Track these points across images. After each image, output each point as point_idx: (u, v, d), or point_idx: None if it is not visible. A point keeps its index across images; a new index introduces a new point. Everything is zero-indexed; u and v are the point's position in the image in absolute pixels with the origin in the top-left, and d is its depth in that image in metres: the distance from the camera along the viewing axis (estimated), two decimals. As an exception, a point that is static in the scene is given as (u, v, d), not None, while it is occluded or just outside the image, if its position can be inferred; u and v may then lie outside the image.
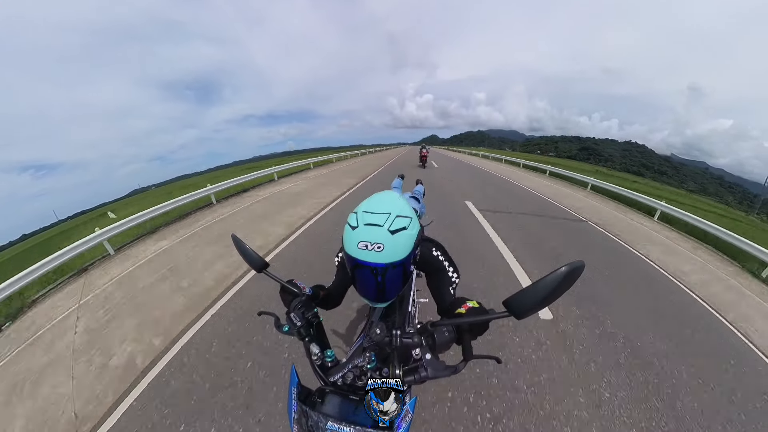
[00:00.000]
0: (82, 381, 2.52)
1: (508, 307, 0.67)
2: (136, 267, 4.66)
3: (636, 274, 4.39)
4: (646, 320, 3.24)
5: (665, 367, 2.60)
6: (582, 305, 3.33)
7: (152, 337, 2.95)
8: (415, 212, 1.05)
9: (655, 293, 3.91)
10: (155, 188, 45.32)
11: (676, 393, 2.36)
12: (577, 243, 5.45)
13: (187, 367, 2.54)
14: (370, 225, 0.87)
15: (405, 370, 0.81)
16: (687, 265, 4.99)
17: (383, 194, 1.05)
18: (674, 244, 6.16)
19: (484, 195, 8.85)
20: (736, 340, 3.14)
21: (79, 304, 3.77)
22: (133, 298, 3.73)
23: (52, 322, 3.46)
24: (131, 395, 2.32)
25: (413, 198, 2.73)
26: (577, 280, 0.59)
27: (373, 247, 0.84)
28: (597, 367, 2.53)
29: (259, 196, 8.89)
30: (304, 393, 0.88)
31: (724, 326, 3.37)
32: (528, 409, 2.11)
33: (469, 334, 0.82)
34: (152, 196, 10.07)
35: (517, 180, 12.54)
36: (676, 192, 37.40)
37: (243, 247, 1.08)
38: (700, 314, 3.56)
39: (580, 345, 2.75)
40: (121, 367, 2.62)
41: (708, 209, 16.59)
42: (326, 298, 1.21)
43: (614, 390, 2.32)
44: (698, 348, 2.92)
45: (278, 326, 1.00)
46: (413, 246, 0.91)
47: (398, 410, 0.75)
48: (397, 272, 0.91)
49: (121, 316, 3.38)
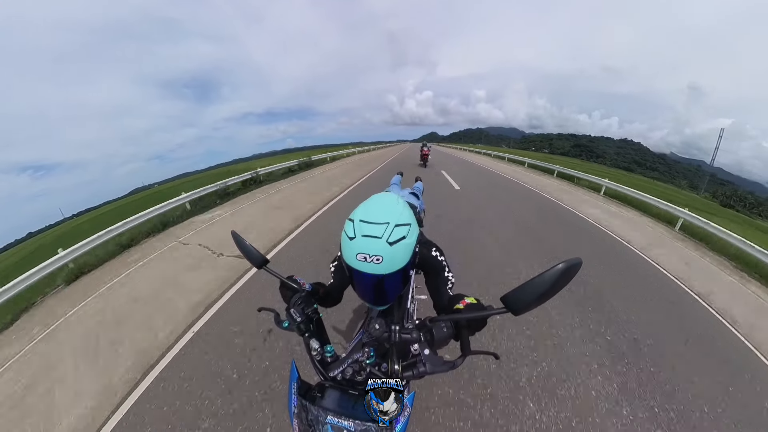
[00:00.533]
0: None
1: (506, 303, 0.67)
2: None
3: (549, 208, 8.09)
4: (555, 228, 6.35)
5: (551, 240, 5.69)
6: (520, 230, 6.08)
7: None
8: (414, 209, 1.05)
9: (551, 211, 7.69)
10: (158, 186, 45.16)
11: (542, 237, 5.54)
12: (549, 213, 7.64)
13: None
14: (368, 237, 0.85)
15: (404, 365, 0.82)
16: (590, 209, 8.18)
17: (380, 198, 1.02)
18: (585, 196, 10.00)
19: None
20: (595, 231, 6.43)
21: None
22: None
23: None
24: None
25: (413, 194, 2.73)
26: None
27: (372, 259, 0.83)
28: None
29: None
30: (304, 388, 0.88)
31: (596, 229, 6.57)
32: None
33: (467, 329, 0.83)
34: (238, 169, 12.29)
35: (511, 175, 13.08)
36: (644, 179, 41.21)
37: (243, 243, 1.07)
38: (582, 224, 7.16)
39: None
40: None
41: (655, 188, 18.08)
42: (325, 297, 1.21)
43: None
44: (565, 228, 6.50)
45: (278, 322, 1.00)
46: (412, 253, 0.91)
47: (398, 410, 0.75)
48: (396, 278, 0.90)
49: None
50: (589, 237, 6.01)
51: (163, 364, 2.62)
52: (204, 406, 2.18)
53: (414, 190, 2.93)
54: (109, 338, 3.04)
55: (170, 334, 2.99)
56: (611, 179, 10.66)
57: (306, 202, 7.73)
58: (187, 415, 2.13)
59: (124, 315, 3.40)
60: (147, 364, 2.64)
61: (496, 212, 7.05)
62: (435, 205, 6.97)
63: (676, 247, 6.01)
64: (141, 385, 2.44)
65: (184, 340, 2.88)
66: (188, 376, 2.46)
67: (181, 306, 3.43)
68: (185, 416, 2.12)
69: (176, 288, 3.85)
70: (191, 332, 2.98)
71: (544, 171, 15.20)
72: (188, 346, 2.81)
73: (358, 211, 0.93)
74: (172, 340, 2.90)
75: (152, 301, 3.61)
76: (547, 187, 10.71)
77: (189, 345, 2.82)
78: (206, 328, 3.04)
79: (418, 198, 2.82)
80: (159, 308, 3.45)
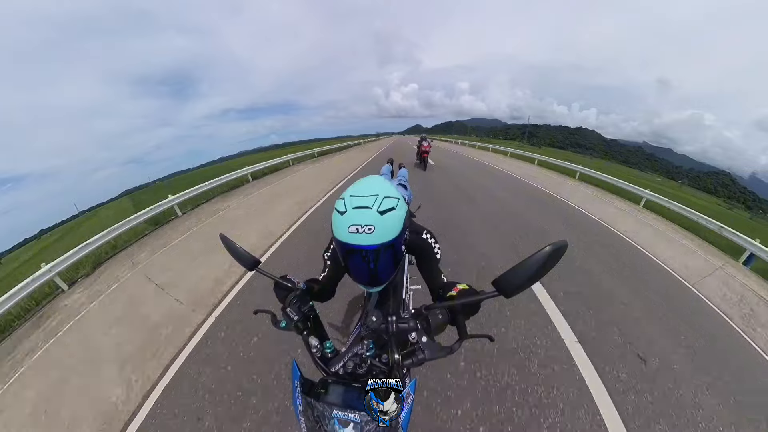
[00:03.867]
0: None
1: (498, 287, 0.69)
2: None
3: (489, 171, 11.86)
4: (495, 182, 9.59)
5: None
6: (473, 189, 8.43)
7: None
8: (403, 199, 1.06)
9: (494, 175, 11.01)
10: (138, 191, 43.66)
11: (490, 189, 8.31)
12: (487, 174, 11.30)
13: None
14: (359, 208, 0.86)
15: (403, 353, 0.84)
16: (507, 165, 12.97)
17: (369, 178, 1.04)
18: (516, 161, 15.36)
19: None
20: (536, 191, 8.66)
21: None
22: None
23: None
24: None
25: (401, 185, 2.75)
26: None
27: (364, 230, 0.83)
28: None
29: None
30: (308, 385, 0.89)
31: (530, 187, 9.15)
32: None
33: (461, 315, 0.86)
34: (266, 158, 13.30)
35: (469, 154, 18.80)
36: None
37: (232, 246, 1.06)
38: (520, 183, 10.02)
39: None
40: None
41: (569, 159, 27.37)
42: (320, 291, 1.21)
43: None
44: (502, 182, 9.62)
45: (275, 323, 1.00)
46: (403, 226, 0.91)
47: (398, 410, 0.76)
48: (388, 253, 0.91)
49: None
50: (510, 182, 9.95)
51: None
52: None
53: (401, 181, 2.96)
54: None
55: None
56: (543, 154, 15.70)
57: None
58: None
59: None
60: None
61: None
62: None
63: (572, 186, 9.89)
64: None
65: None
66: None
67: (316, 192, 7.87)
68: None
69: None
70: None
71: (501, 152, 19.70)
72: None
73: (349, 189, 0.95)
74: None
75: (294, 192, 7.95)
76: (488, 157, 16.80)
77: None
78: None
79: (406, 188, 2.84)
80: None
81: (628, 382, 2.30)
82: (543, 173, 11.80)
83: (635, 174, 47.44)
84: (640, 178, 26.24)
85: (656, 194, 7.69)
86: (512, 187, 8.66)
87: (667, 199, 7.37)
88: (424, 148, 10.32)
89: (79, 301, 3.84)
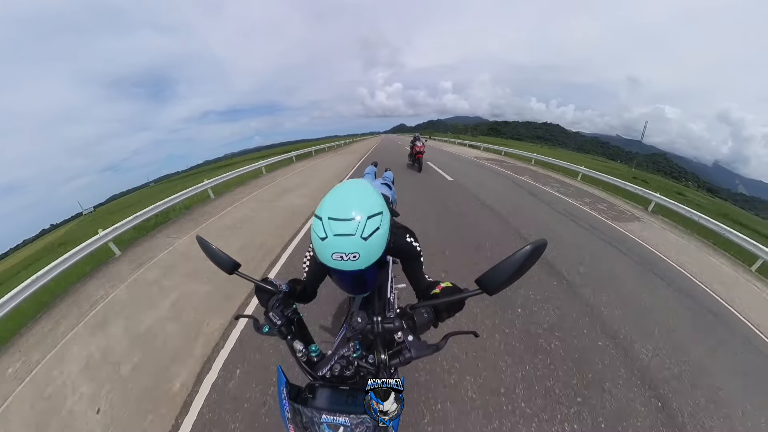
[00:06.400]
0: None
1: (481, 285, 0.70)
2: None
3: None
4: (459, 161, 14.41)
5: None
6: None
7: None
8: (387, 200, 1.05)
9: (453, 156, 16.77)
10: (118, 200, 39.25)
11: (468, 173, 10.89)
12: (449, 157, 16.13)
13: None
14: (341, 235, 0.79)
15: (390, 353, 0.84)
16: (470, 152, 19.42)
17: (347, 190, 0.92)
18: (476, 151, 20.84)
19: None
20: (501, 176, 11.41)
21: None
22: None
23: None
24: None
25: (385, 185, 2.73)
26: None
27: (349, 257, 0.79)
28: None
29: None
30: (294, 391, 0.87)
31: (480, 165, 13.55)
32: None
33: (446, 312, 0.87)
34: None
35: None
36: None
37: (210, 249, 1.01)
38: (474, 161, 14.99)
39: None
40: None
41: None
42: (303, 293, 1.18)
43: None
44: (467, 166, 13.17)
45: (257, 328, 0.97)
46: (387, 241, 0.89)
47: (398, 410, 0.75)
48: (373, 267, 0.88)
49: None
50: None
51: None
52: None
53: (385, 180, 2.94)
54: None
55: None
56: (509, 146, 20.92)
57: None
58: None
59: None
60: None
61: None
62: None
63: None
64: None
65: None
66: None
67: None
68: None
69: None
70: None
71: (473, 146, 25.01)
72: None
73: (325, 207, 0.84)
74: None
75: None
76: (469, 152, 20.36)
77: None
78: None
79: (390, 188, 2.84)
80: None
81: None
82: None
83: (579, 156, 53.86)
84: (582, 160, 28.01)
85: (591, 169, 11.42)
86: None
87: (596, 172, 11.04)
88: (418, 148, 9.95)
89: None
